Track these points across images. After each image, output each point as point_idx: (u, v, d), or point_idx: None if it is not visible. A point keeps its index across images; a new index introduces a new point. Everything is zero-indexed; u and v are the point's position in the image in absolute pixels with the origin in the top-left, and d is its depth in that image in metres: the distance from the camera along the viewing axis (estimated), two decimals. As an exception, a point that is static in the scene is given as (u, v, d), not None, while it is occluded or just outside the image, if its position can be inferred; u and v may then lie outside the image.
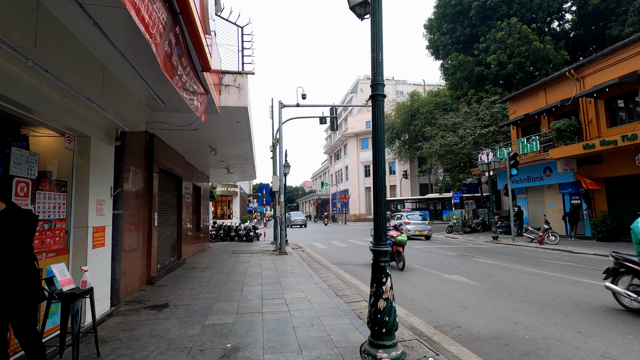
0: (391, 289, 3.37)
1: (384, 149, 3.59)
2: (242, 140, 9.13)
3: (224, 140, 9.06)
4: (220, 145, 9.46)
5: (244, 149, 10.28)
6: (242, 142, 9.36)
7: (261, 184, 19.34)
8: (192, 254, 12.56)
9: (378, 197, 3.54)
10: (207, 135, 8.38)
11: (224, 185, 44.99)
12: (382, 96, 3.60)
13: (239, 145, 9.77)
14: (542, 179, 17.14)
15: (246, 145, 9.79)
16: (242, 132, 8.18)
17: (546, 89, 17.55)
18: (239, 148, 10.13)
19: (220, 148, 9.79)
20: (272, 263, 10.62)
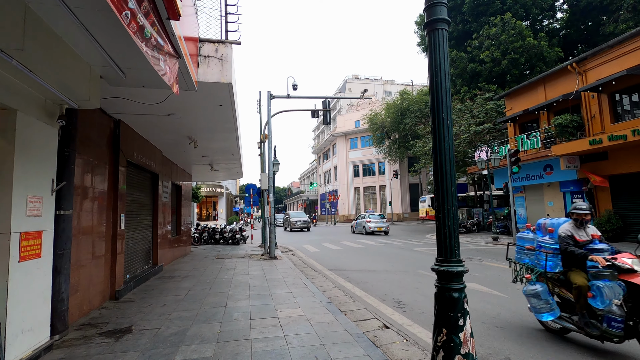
0: (472, 337, 2.22)
1: (449, 105, 2.48)
2: (226, 130, 7.96)
3: (205, 130, 7.88)
4: (202, 136, 8.26)
5: (229, 142, 9.10)
6: (227, 133, 8.19)
7: (248, 184, 18.12)
8: (171, 259, 11.27)
9: (444, 183, 2.40)
10: (185, 123, 7.19)
11: (209, 185, 43.49)
12: (445, 22, 2.51)
13: (223, 137, 8.59)
14: (542, 177, 16.51)
15: (231, 137, 8.62)
16: (226, 119, 7.02)
17: (546, 84, 16.95)
18: (223, 140, 8.95)
19: (201, 140, 8.58)
20: (260, 269, 9.47)
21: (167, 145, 9.22)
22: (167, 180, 10.72)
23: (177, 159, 11.53)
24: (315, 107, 13.96)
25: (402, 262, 10.16)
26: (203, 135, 8.21)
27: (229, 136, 8.49)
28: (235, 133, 8.20)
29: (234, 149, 10.02)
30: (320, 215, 56.18)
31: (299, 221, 28.87)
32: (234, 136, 8.48)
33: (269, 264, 10.67)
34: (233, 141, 9.06)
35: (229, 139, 8.84)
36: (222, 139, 8.79)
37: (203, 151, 10.19)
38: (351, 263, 10.59)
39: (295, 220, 29.07)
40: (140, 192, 8.41)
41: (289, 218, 30.17)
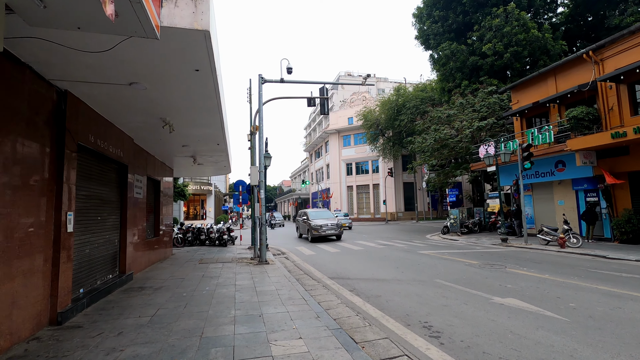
0: None
1: None
2: (208, 111, 6.52)
3: (182, 110, 6.42)
4: (178, 118, 6.79)
5: (213, 127, 7.65)
6: (209, 114, 6.75)
7: (237, 180, 16.63)
8: (146, 265, 9.76)
9: None
10: (154, 99, 5.72)
11: (196, 182, 41.80)
12: None
13: (204, 120, 7.13)
14: (554, 174, 15.44)
15: (214, 120, 7.17)
16: (207, 94, 5.59)
17: (557, 75, 15.88)
18: (206, 124, 7.49)
19: (178, 123, 7.12)
20: (250, 278, 8.05)
21: (138, 130, 7.71)
22: (140, 173, 9.20)
23: (153, 149, 10.00)
24: (312, 94, 12.57)
25: (413, 269, 8.86)
26: (180, 116, 6.74)
27: (212, 119, 7.04)
28: (219, 115, 6.75)
29: (219, 136, 8.56)
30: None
31: (326, 226, 17.34)
32: (218, 119, 7.03)
33: (259, 270, 9.25)
34: (217, 126, 7.61)
35: (212, 123, 7.38)
36: (204, 122, 7.33)
37: (182, 139, 8.70)
38: (354, 269, 9.24)
39: (319, 224, 17.38)
40: (103, 186, 6.91)
41: (308, 220, 18.10)
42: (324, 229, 17.29)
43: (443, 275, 7.84)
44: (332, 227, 17.51)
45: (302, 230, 19.71)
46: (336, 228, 17.61)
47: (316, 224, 17.45)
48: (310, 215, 18.83)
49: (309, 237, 17.79)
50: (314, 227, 17.38)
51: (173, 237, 16.37)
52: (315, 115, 72.64)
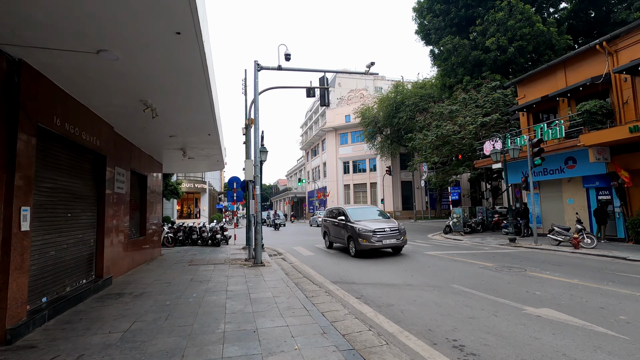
0: None
1: None
2: (195, 92, 5.66)
3: (165, 90, 5.56)
4: (161, 99, 5.93)
5: (202, 111, 6.78)
6: (197, 96, 5.89)
7: (232, 177, 15.77)
8: (129, 268, 8.87)
9: None
10: (131, 75, 4.87)
11: (190, 180, 40.84)
12: None
13: (192, 104, 6.28)
14: (563, 172, 14.75)
15: (203, 105, 6.32)
16: (192, 68, 4.74)
17: (566, 68, 15.20)
18: (194, 109, 6.64)
19: (162, 107, 6.25)
20: (243, 283, 7.21)
21: (117, 116, 6.83)
22: (123, 166, 8.31)
23: (138, 140, 9.11)
24: (312, 84, 11.74)
25: (424, 272, 8.08)
26: (162, 98, 5.88)
27: (201, 101, 6.18)
28: (208, 96, 5.90)
29: (210, 124, 7.70)
30: (308, 214, 53.96)
31: (383, 232, 10.82)
32: (207, 102, 6.18)
33: (254, 273, 8.41)
34: (207, 111, 6.75)
35: (201, 108, 6.53)
36: (192, 106, 6.47)
37: (169, 128, 7.83)
38: (358, 272, 8.43)
39: (371, 228, 10.86)
40: (74, 178, 6.02)
41: (350, 222, 11.53)
42: (378, 236, 10.63)
43: (459, 280, 7.06)
44: (392, 234, 10.84)
45: (336, 237, 12.87)
46: (398, 235, 10.98)
47: (366, 229, 10.78)
48: (350, 215, 11.89)
49: (352, 250, 11.14)
50: (362, 232, 10.75)
51: (163, 237, 15.47)
52: (312, 113, 71.74)
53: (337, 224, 12.55)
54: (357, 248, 10.85)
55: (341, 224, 12.10)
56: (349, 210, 12.49)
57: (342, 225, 11.98)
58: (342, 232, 12.02)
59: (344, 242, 11.93)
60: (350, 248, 11.27)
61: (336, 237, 12.81)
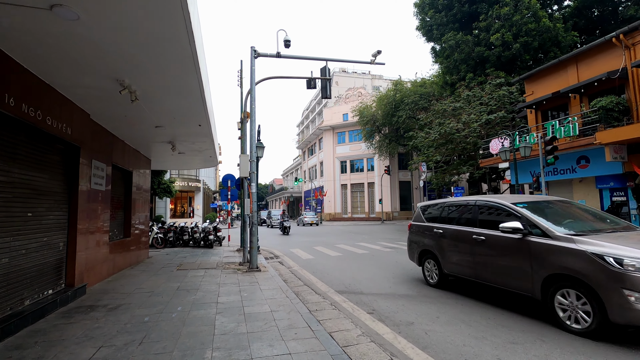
0: None
1: None
2: (179, 63, 4.78)
3: (143, 64, 4.67)
4: (140, 77, 5.04)
5: (189, 94, 5.89)
6: (181, 72, 5.01)
7: (226, 174, 14.89)
8: (109, 273, 7.95)
9: None
10: (100, 43, 3.99)
11: (184, 179, 39.79)
12: None
13: (176, 82, 5.39)
14: (575, 171, 14.06)
15: (190, 86, 5.44)
16: (175, 34, 3.87)
17: (578, 63, 14.51)
18: (180, 91, 5.75)
19: (143, 87, 5.37)
20: (237, 292, 6.34)
21: (91, 100, 5.93)
22: (102, 160, 7.40)
23: (120, 131, 8.19)
24: (312, 74, 10.86)
25: (437, 280, 7.26)
26: (142, 77, 4.99)
27: (187, 84, 5.30)
28: (196, 77, 5.03)
29: (200, 113, 6.82)
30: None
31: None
32: (196, 84, 5.30)
33: (249, 280, 7.55)
34: (196, 97, 5.87)
35: (189, 90, 5.64)
36: (178, 89, 5.58)
37: (154, 116, 6.92)
38: (365, 280, 7.60)
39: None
40: (37, 172, 5.12)
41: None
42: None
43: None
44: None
45: (478, 268, 5.59)
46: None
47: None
48: (544, 219, 4.75)
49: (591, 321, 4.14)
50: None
51: (152, 238, 14.54)
52: (309, 112, 70.93)
53: (485, 239, 5.34)
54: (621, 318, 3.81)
55: (511, 242, 4.86)
56: (530, 206, 5.14)
57: (516, 245, 4.79)
58: (513, 263, 4.86)
59: (526, 287, 4.67)
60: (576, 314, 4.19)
61: (479, 268, 5.49)
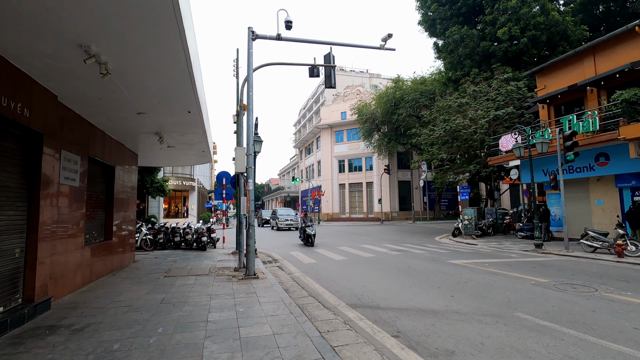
0: None
1: None
2: (160, 30, 3.79)
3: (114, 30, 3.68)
4: (112, 46, 4.05)
5: (174, 67, 4.88)
6: (165, 43, 4.03)
7: (221, 172, 13.88)
8: (84, 282, 6.92)
9: None
10: None
11: (178, 177, 38.68)
12: None
13: (158, 56, 4.39)
14: (593, 169, 13.22)
15: (176, 58, 4.44)
16: None
17: (596, 54, 13.69)
18: (163, 67, 4.75)
19: (117, 62, 4.37)
20: (231, 307, 5.36)
21: (54, 74, 4.90)
22: (75, 151, 6.38)
23: (98, 119, 7.15)
24: (315, 61, 9.89)
25: (465, 291, 6.33)
26: (114, 43, 3.99)
27: (172, 55, 4.31)
28: (181, 46, 4.04)
29: (189, 96, 5.82)
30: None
31: None
32: (182, 56, 4.31)
33: (245, 290, 6.56)
34: (183, 75, 4.87)
35: (174, 68, 4.65)
36: (160, 63, 4.58)
37: (134, 98, 5.90)
38: (378, 289, 6.65)
39: None
40: (-18, 161, 4.10)
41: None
42: None
43: (519, 304, 5.32)
44: None
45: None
46: None
47: None
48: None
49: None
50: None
51: (140, 239, 13.49)
52: (306, 111, 69.97)
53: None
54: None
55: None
56: None
57: None
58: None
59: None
60: None
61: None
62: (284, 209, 29.57)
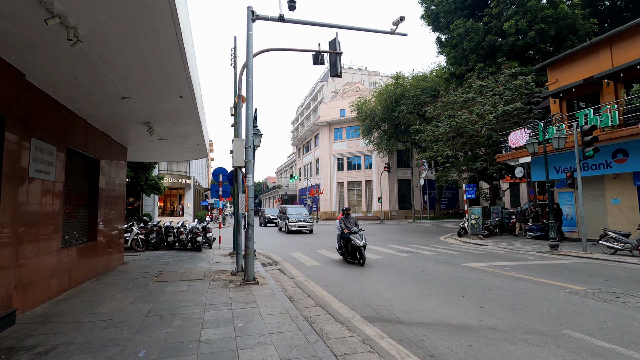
0: None
1: None
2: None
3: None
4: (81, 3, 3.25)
5: (162, 46, 4.10)
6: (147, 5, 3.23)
7: (217, 168, 13.10)
8: (61, 289, 6.12)
9: None
10: None
11: (173, 175, 37.83)
12: None
13: (141, 20, 3.60)
14: (610, 166, 12.55)
15: (162, 19, 3.65)
16: None
17: (612, 45, 13.02)
18: (146, 36, 3.95)
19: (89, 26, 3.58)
20: (228, 320, 4.59)
21: (16, 45, 4.10)
22: (48, 139, 5.56)
23: (77, 105, 6.32)
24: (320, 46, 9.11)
25: (494, 301, 5.60)
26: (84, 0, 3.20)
27: (158, 22, 3.52)
28: (169, 12, 3.25)
29: (180, 76, 5.02)
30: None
31: None
32: (169, 18, 3.52)
33: (244, 298, 5.79)
34: (172, 47, 4.08)
35: (161, 38, 3.86)
36: (142, 30, 3.79)
37: (116, 77, 5.08)
38: (395, 298, 5.91)
39: None
40: None
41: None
42: None
43: (563, 319, 4.60)
44: None
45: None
46: None
47: None
48: None
49: None
50: None
51: (131, 239, 12.68)
52: (303, 108, 69.12)
53: None
54: None
55: None
56: None
57: None
58: None
59: None
60: None
61: None
62: (295, 207, 24.50)
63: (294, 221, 20.88)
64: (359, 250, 9.15)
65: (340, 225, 9.74)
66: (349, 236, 9.24)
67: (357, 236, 9.18)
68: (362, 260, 9.06)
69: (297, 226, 20.69)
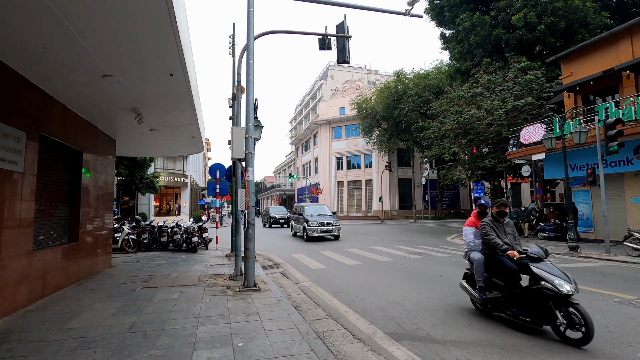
0: None
1: None
2: None
3: None
4: None
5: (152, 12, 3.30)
6: None
7: (214, 164, 12.30)
8: (33, 298, 5.29)
9: None
10: None
11: (169, 173, 36.92)
12: None
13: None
14: (631, 163, 11.86)
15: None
16: None
17: (633, 36, 12.32)
18: None
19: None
20: (226, 338, 3.79)
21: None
22: (14, 123, 4.75)
23: (53, 85, 5.50)
24: (327, 30, 8.33)
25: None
26: None
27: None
28: None
29: (170, 48, 4.20)
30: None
31: None
32: None
33: (244, 309, 4.99)
34: (161, 11, 3.28)
35: None
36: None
37: (92, 47, 4.27)
38: (420, 310, 5.14)
39: None
40: None
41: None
42: None
43: (630, 337, 3.85)
44: None
45: None
46: None
47: None
48: None
49: None
50: None
51: (122, 239, 11.85)
52: (302, 107, 68.31)
53: None
54: None
55: None
56: None
57: None
58: None
59: None
60: None
61: None
62: (314, 206, 18.49)
63: (316, 224, 15.67)
64: (568, 306, 3.74)
65: (473, 238, 4.79)
66: (531, 266, 4.01)
67: (551, 268, 3.94)
68: (586, 338, 3.57)
69: (319, 231, 15.53)
